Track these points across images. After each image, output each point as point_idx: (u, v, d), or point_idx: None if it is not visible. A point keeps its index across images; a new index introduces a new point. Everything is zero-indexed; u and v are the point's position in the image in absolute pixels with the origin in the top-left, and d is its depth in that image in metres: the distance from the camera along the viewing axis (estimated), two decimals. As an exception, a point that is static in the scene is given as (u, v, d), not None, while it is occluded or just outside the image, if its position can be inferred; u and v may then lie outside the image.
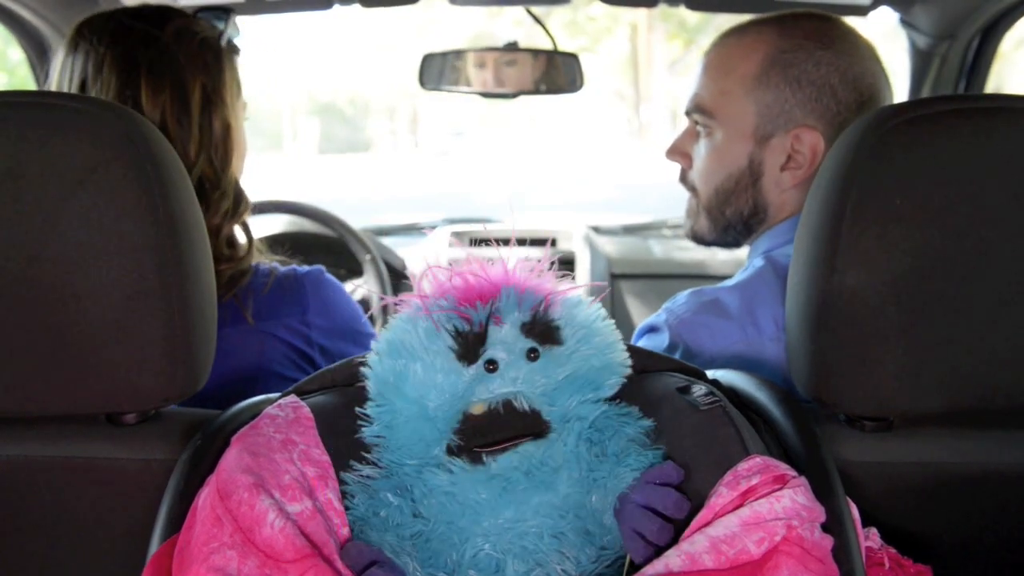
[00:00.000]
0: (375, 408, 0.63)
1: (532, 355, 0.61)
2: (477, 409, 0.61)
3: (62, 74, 0.90)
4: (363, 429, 0.64)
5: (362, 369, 0.65)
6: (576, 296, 0.66)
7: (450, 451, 0.61)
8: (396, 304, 0.66)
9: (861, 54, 0.93)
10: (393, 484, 0.62)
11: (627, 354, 0.66)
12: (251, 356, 0.90)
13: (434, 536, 0.60)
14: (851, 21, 1.00)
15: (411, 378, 0.62)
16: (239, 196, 0.92)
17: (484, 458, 0.61)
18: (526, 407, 0.61)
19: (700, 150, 1.00)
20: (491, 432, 0.60)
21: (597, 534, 0.61)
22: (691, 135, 1.01)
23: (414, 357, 0.62)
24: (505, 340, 0.61)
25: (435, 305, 0.62)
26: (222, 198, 0.89)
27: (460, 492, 0.60)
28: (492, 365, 0.61)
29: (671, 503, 0.59)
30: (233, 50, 0.97)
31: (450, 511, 0.60)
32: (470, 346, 0.61)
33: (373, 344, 0.65)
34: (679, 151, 1.03)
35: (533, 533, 0.59)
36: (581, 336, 0.63)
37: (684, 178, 1.04)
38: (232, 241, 0.92)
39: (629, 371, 0.66)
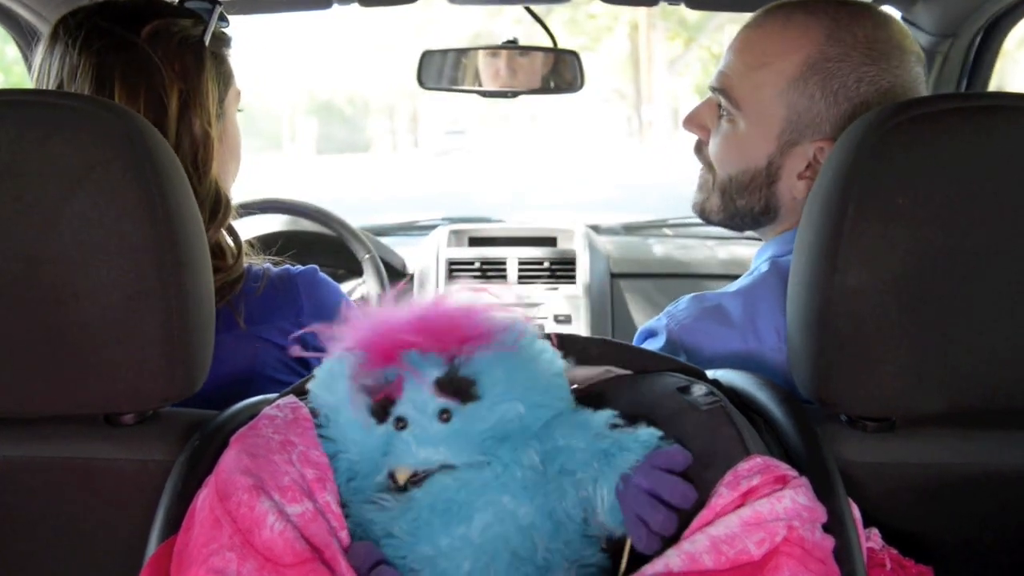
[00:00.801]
0: (325, 445, 0.63)
1: (444, 416, 0.59)
2: (401, 475, 0.60)
3: (40, 74, 0.88)
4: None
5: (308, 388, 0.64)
6: (502, 334, 0.62)
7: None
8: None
9: (907, 70, 0.88)
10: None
11: (561, 376, 0.63)
12: (244, 361, 0.88)
13: (397, 563, 0.59)
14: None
15: (335, 427, 0.62)
16: (218, 203, 0.89)
17: (409, 487, 0.60)
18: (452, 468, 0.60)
19: (720, 131, 0.95)
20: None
21: (528, 556, 0.59)
22: (712, 109, 0.96)
23: (338, 404, 0.61)
24: (415, 400, 0.59)
25: (345, 358, 0.61)
26: (200, 208, 0.88)
27: (386, 527, 0.59)
28: (401, 423, 0.59)
29: (678, 494, 0.57)
30: (223, 43, 0.94)
31: (391, 544, 0.59)
32: (379, 403, 0.59)
33: (312, 382, 0.64)
34: (697, 123, 0.98)
35: (459, 566, 0.58)
36: (501, 386, 0.60)
37: (699, 150, 0.99)
38: (217, 250, 0.89)
39: (564, 392, 0.64)
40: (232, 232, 0.92)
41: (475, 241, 2.16)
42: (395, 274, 2.08)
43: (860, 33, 0.87)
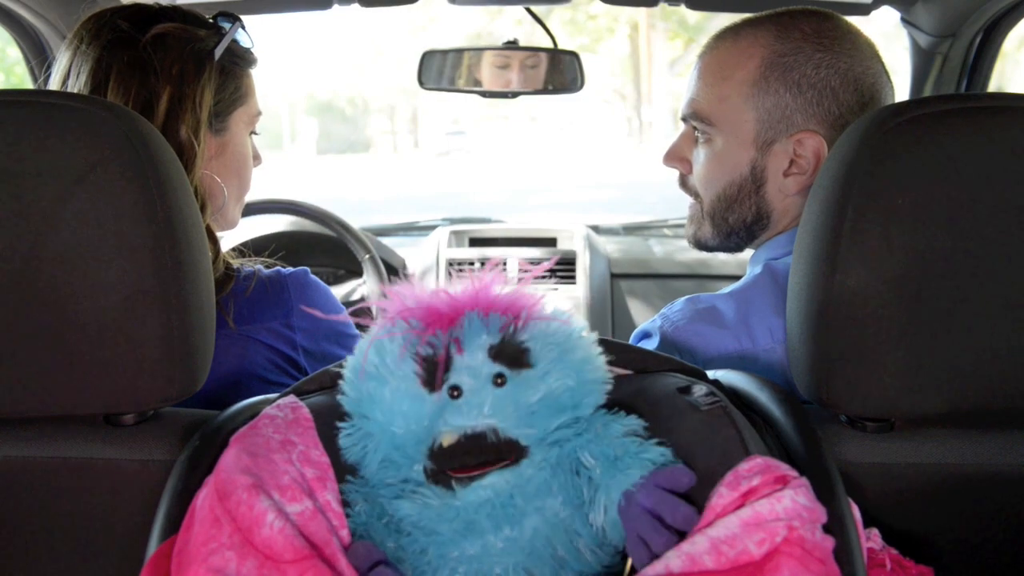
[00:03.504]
0: (349, 430, 0.62)
1: (499, 381, 0.59)
2: (446, 440, 0.59)
3: (56, 70, 0.90)
4: (342, 452, 0.63)
5: (339, 384, 0.64)
6: (553, 311, 0.63)
7: (426, 475, 0.61)
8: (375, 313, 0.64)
9: (861, 53, 0.91)
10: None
11: (606, 369, 0.64)
12: (233, 361, 0.88)
13: (410, 560, 0.59)
14: (852, 20, 0.98)
15: (378, 403, 0.60)
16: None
17: (453, 484, 0.59)
18: (499, 438, 0.59)
19: (700, 156, 0.97)
20: (462, 457, 0.59)
21: (571, 557, 0.60)
22: (689, 140, 0.99)
23: (381, 381, 0.60)
24: (470, 365, 0.59)
25: (396, 329, 0.60)
26: None
27: (427, 523, 0.59)
28: (456, 391, 0.59)
29: (680, 517, 0.57)
30: (242, 62, 0.95)
31: (420, 540, 0.59)
32: (433, 372, 0.59)
33: (345, 369, 0.63)
34: (677, 156, 1.01)
35: (501, 567, 0.58)
36: (554, 356, 0.60)
37: (684, 183, 1.02)
38: None
39: (609, 387, 0.64)
40: (210, 235, 0.91)
41: (475, 241, 2.17)
42: (395, 274, 2.08)
43: (806, 27, 0.91)
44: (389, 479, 0.62)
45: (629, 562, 0.59)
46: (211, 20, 0.93)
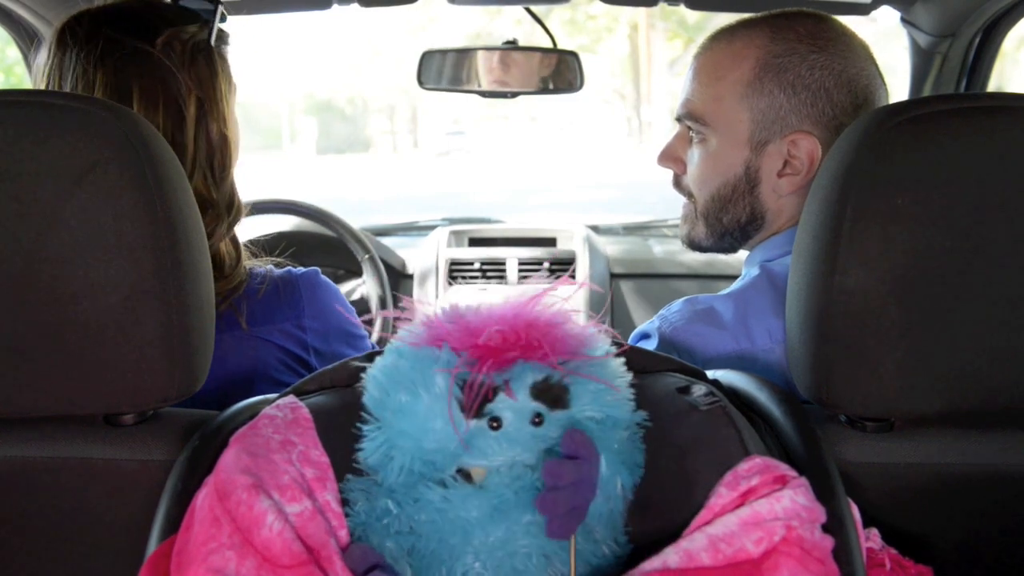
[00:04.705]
0: (373, 433, 0.62)
1: (537, 420, 0.60)
2: (476, 474, 0.60)
3: (49, 83, 0.87)
4: (361, 453, 0.62)
5: (362, 379, 0.63)
6: (596, 350, 0.63)
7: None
8: (396, 320, 0.64)
9: (855, 55, 0.91)
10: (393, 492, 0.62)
11: (633, 408, 0.64)
12: (246, 361, 0.88)
13: (426, 552, 0.59)
14: (849, 21, 0.98)
15: (410, 415, 0.60)
16: (230, 206, 0.89)
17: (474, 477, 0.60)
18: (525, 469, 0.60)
19: (694, 156, 0.97)
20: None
21: (588, 551, 0.60)
22: (683, 140, 0.99)
23: (415, 395, 0.60)
24: (513, 402, 0.59)
25: (443, 354, 0.60)
26: (216, 218, 0.87)
27: (451, 509, 0.59)
28: (496, 423, 0.59)
29: (552, 474, 0.58)
30: (224, 41, 0.95)
31: (441, 528, 0.59)
32: (476, 400, 0.59)
33: (373, 369, 0.63)
34: (671, 157, 1.01)
35: (523, 553, 0.59)
36: (588, 400, 0.61)
37: (678, 183, 1.02)
38: (216, 258, 0.88)
39: (633, 424, 0.64)
40: (233, 240, 0.91)
41: (475, 241, 2.17)
42: (395, 274, 2.08)
43: (801, 29, 0.92)
44: (407, 481, 0.62)
45: (572, 553, 0.59)
46: (179, 5, 0.92)
